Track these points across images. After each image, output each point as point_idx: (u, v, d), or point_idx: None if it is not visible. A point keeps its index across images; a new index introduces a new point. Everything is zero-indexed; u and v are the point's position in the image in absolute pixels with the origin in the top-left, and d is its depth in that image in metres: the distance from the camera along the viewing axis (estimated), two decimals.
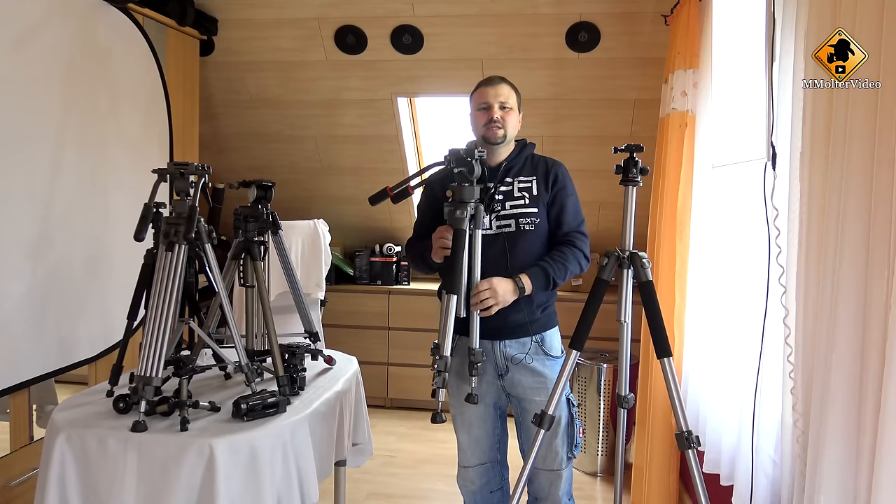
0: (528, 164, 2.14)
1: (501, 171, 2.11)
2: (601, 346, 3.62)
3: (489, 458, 2.19)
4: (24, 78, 2.48)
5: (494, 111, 2.07)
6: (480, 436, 2.17)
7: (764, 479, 1.90)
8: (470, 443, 2.18)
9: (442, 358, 1.77)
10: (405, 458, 3.62)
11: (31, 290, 2.52)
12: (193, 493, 1.61)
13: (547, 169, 2.12)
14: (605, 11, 3.28)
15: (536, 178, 2.11)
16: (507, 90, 2.11)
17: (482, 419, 2.16)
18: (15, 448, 2.55)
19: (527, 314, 2.05)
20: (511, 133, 2.11)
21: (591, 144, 3.85)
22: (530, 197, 2.08)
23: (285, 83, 3.88)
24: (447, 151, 1.92)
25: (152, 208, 1.89)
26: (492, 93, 2.09)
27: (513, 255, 2.03)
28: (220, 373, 2.17)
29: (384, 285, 4.40)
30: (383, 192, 1.93)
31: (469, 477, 2.21)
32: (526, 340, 2.08)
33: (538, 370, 2.08)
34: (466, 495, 2.25)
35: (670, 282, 2.74)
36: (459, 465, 2.23)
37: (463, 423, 2.18)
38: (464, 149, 1.91)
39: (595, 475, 3.42)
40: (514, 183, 2.10)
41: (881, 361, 1.23)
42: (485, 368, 2.11)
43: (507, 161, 2.13)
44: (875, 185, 1.26)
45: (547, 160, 2.16)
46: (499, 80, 2.12)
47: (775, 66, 1.83)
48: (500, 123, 2.07)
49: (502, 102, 2.08)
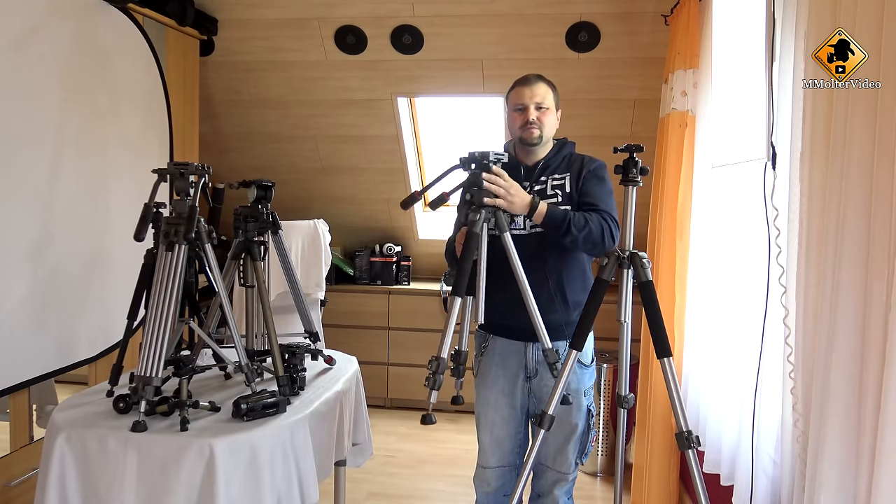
0: (564, 163, 2.10)
1: (538, 171, 2.08)
2: (601, 346, 3.61)
3: (508, 462, 2.16)
4: (24, 78, 2.48)
5: (531, 112, 2.03)
6: (503, 437, 2.14)
7: (764, 479, 1.90)
8: (491, 443, 2.15)
9: (438, 360, 1.74)
10: (405, 458, 3.62)
11: (31, 290, 2.52)
12: (193, 493, 1.61)
13: (581, 165, 2.08)
14: (605, 11, 3.28)
15: (570, 175, 2.06)
16: (544, 89, 2.06)
17: (506, 421, 2.13)
18: (15, 448, 2.55)
19: (562, 315, 2.02)
20: (548, 133, 2.08)
21: (591, 144, 3.81)
22: (563, 195, 2.04)
23: (285, 83, 3.88)
24: (464, 155, 1.88)
25: (152, 208, 1.89)
26: (527, 93, 2.04)
27: (545, 254, 2.00)
28: (220, 373, 2.17)
29: (384, 285, 4.40)
30: (413, 196, 1.90)
31: (486, 478, 2.19)
32: (560, 344, 2.04)
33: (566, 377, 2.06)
34: (481, 496, 2.23)
35: (670, 282, 2.74)
36: (478, 465, 2.21)
37: (486, 423, 2.16)
38: (479, 152, 1.85)
39: (595, 475, 3.42)
40: (547, 181, 2.07)
41: (881, 361, 1.23)
42: (516, 370, 2.09)
43: (545, 160, 2.09)
44: (875, 185, 1.26)
45: (584, 158, 2.11)
46: (535, 79, 2.07)
47: (775, 66, 1.83)
48: (537, 124, 2.04)
49: (538, 103, 2.04)
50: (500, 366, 2.12)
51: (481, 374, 2.16)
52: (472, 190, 1.86)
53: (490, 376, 2.13)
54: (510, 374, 2.10)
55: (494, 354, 2.13)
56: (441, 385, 1.72)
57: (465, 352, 1.80)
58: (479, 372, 2.17)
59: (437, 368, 1.72)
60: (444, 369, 1.73)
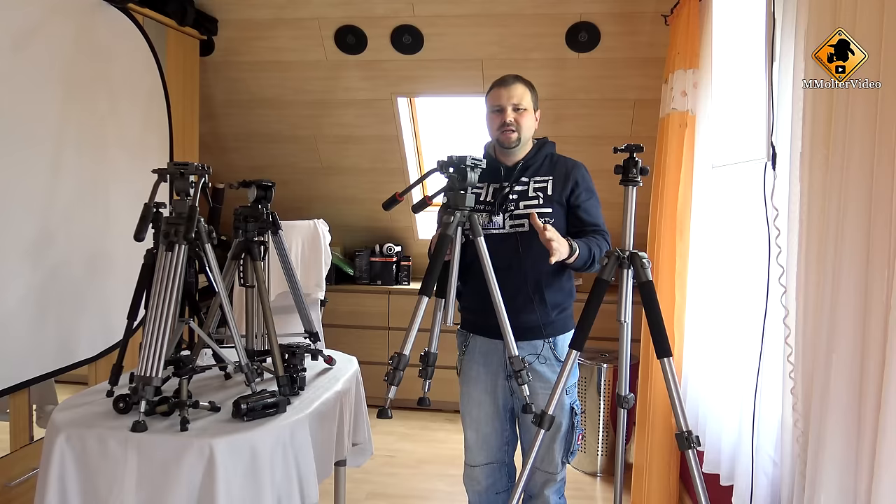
0: (546, 164, 2.10)
1: (518, 171, 2.08)
2: (601, 346, 3.62)
3: (496, 459, 2.18)
4: (24, 78, 2.48)
5: (508, 114, 2.03)
6: (489, 434, 2.15)
7: (764, 479, 1.90)
8: (478, 440, 2.17)
9: (400, 356, 1.74)
10: (405, 458, 3.62)
11: (30, 290, 2.52)
12: (193, 493, 1.61)
13: (567, 171, 2.09)
14: (605, 11, 3.28)
15: (553, 179, 2.07)
16: (522, 90, 2.06)
17: (490, 418, 2.15)
18: (15, 448, 2.55)
19: (540, 316, 2.04)
20: (526, 135, 2.08)
21: (591, 144, 3.85)
22: (545, 197, 2.05)
23: (285, 83, 3.88)
24: (443, 159, 1.90)
25: (152, 208, 1.89)
26: (505, 94, 2.04)
27: (525, 254, 2.01)
28: (220, 373, 2.17)
29: (384, 285, 4.40)
30: (393, 198, 1.93)
31: (475, 476, 2.20)
32: (538, 343, 2.07)
33: (546, 376, 2.07)
34: (472, 495, 2.24)
35: (670, 282, 2.74)
36: (466, 464, 2.22)
37: (471, 421, 2.17)
38: (456, 156, 1.86)
39: (595, 475, 3.42)
40: (529, 182, 2.07)
41: (881, 361, 1.23)
42: (497, 369, 2.10)
43: (524, 161, 2.10)
44: (875, 185, 1.26)
45: (567, 161, 2.12)
46: (513, 80, 2.07)
47: (775, 66, 1.83)
48: (514, 127, 2.04)
49: (516, 104, 2.04)
50: (483, 364, 2.13)
51: (464, 372, 2.17)
52: (449, 193, 1.87)
53: (472, 375, 2.14)
54: (491, 373, 2.12)
55: (476, 353, 2.14)
56: (400, 381, 1.75)
57: (435, 353, 1.83)
58: (462, 371, 2.18)
59: (398, 365, 1.75)
60: (405, 366, 1.75)
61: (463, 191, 1.85)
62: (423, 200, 1.93)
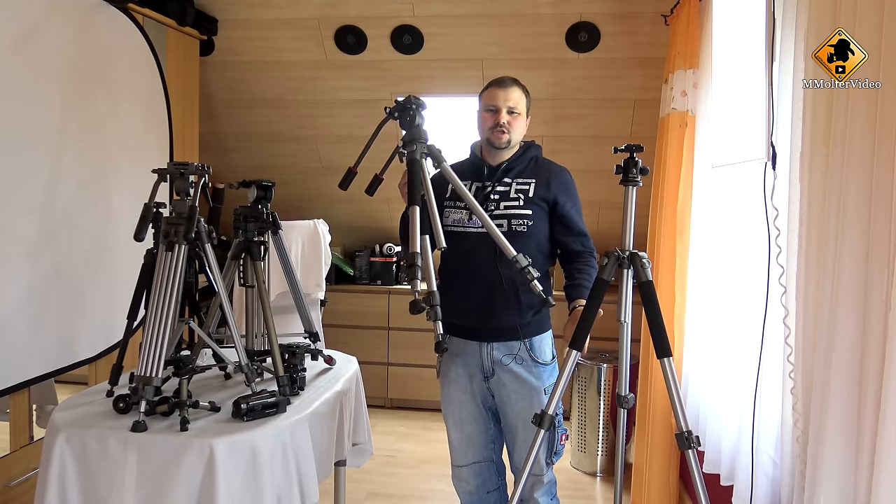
0: (530, 166, 2.11)
1: (501, 171, 2.09)
2: (601, 346, 3.62)
3: (483, 457, 2.18)
4: (24, 78, 2.48)
5: (502, 116, 2.04)
6: (473, 432, 2.16)
7: (764, 479, 1.90)
8: (462, 440, 2.18)
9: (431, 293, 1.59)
10: (405, 458, 3.62)
11: (30, 289, 2.52)
12: (193, 493, 1.61)
13: (550, 176, 2.09)
14: (605, 11, 3.28)
15: (536, 182, 2.07)
16: (518, 94, 2.06)
17: (473, 418, 2.15)
18: (15, 448, 2.55)
19: (516, 317, 2.04)
20: (516, 138, 2.09)
21: (591, 144, 3.85)
22: (525, 199, 2.05)
23: (285, 83, 3.88)
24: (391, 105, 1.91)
25: (152, 208, 1.89)
26: (502, 96, 2.05)
27: (502, 254, 1.99)
28: (220, 373, 2.17)
29: (384, 285, 4.40)
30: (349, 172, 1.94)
31: (463, 476, 2.20)
32: (514, 344, 2.07)
33: (522, 376, 2.06)
34: (462, 496, 2.24)
35: (670, 282, 2.74)
36: (453, 465, 2.23)
37: (454, 421, 2.18)
38: (403, 98, 1.87)
39: (595, 475, 3.42)
40: (512, 184, 2.08)
41: (881, 361, 1.23)
42: (474, 370, 2.11)
43: (509, 162, 2.11)
44: (875, 185, 1.26)
45: (552, 166, 2.13)
46: (511, 83, 2.07)
47: (775, 66, 1.82)
48: (506, 129, 2.04)
49: (511, 107, 2.05)
50: (461, 365, 2.14)
51: (443, 373, 2.18)
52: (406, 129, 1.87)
53: (452, 375, 2.15)
54: (469, 374, 2.12)
55: (454, 354, 2.14)
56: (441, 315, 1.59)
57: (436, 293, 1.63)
58: (441, 371, 2.19)
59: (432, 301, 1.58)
60: (439, 301, 1.59)
61: (417, 126, 1.83)
62: (375, 179, 1.93)
